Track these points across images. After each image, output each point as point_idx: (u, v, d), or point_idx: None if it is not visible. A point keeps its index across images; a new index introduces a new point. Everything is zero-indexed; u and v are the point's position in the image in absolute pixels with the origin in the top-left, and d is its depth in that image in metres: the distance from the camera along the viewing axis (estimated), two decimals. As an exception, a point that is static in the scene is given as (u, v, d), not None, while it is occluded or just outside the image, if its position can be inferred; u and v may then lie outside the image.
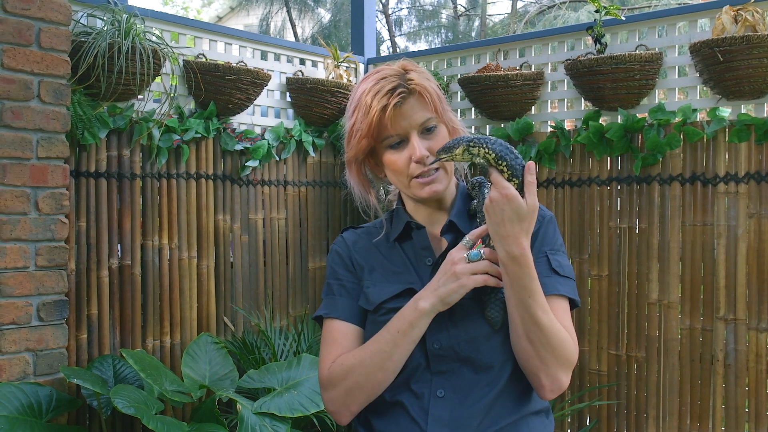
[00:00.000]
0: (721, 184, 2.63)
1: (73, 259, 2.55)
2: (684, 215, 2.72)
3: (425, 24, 14.15)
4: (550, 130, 3.09)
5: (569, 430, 2.98)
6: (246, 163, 3.12)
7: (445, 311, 1.20)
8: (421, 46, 14.13)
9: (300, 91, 3.30)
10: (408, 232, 1.34)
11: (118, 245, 2.71)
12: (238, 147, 3.08)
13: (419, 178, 1.26)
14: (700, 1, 2.77)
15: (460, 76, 3.23)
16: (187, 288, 2.92)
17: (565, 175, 3.01)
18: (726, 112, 2.62)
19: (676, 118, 2.71)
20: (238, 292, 3.13)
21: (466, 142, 1.16)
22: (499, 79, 3.02)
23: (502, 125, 3.21)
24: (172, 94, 2.81)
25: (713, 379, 2.65)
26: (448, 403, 1.20)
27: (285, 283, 3.35)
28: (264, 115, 3.34)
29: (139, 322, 2.75)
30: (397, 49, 13.32)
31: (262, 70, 3.06)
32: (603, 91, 2.79)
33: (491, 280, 1.18)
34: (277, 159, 3.28)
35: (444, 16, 14.23)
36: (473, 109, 3.34)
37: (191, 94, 2.95)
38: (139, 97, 2.74)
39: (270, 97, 3.34)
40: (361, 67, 3.71)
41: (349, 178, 1.36)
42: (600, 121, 2.90)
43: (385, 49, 13.42)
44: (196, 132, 2.92)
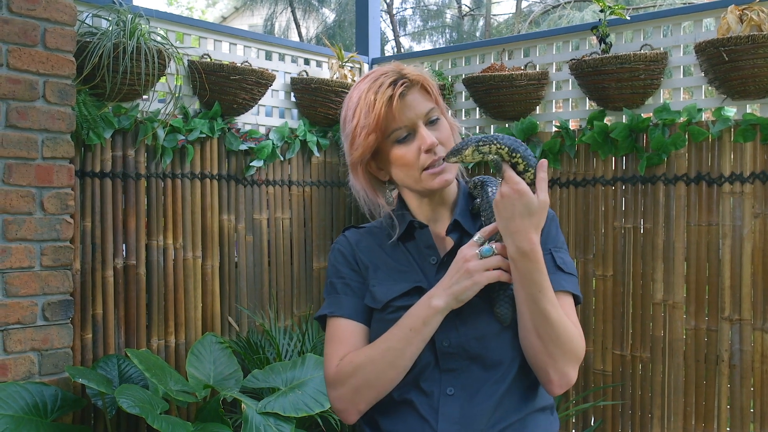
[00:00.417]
0: (727, 184, 2.62)
1: (78, 259, 2.56)
2: (689, 215, 2.72)
3: (429, 24, 14.16)
4: (554, 129, 3.08)
5: (574, 431, 2.98)
6: (250, 163, 3.13)
7: (453, 309, 1.20)
8: (426, 46, 14.14)
9: (304, 91, 3.30)
10: (411, 232, 1.33)
11: (123, 245, 2.72)
12: (243, 147, 3.09)
13: (429, 169, 1.26)
14: (705, 1, 2.76)
15: (464, 76, 3.23)
16: (192, 288, 2.93)
17: (569, 175, 3.01)
18: (731, 111, 2.61)
19: (681, 118, 2.71)
20: (243, 292, 3.14)
21: (474, 142, 1.16)
22: (503, 79, 3.02)
23: (507, 125, 3.21)
24: (177, 95, 2.82)
25: (718, 379, 2.64)
26: (458, 401, 1.20)
27: (289, 283, 3.35)
28: (268, 115, 3.35)
29: (143, 321, 2.76)
30: (402, 49, 13.33)
31: (267, 70, 3.06)
32: (608, 91, 2.79)
33: (504, 276, 1.18)
34: (282, 159, 3.28)
35: (448, 16, 14.23)
36: (478, 108, 3.34)
37: (196, 94, 2.95)
38: (144, 97, 2.74)
39: (274, 97, 3.34)
40: (365, 67, 3.71)
41: (355, 182, 1.34)
42: (605, 121, 2.89)
43: (389, 49, 13.42)
44: (201, 132, 2.92)
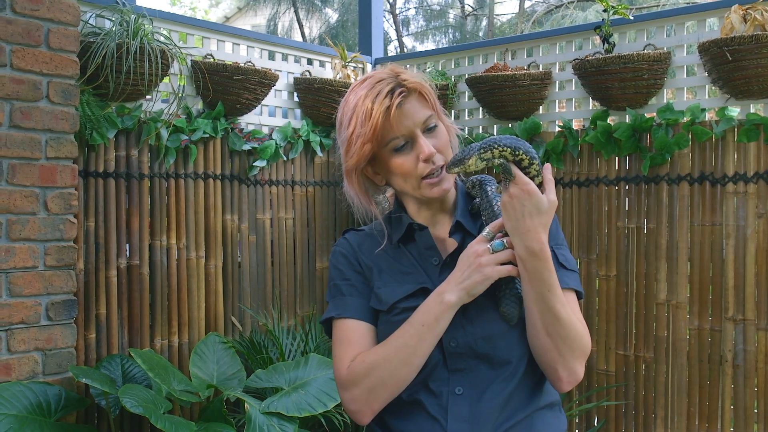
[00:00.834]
0: (730, 184, 2.62)
1: (82, 258, 2.56)
2: (692, 215, 2.71)
3: (432, 24, 14.15)
4: (558, 129, 3.08)
5: (577, 431, 2.98)
6: (254, 163, 3.13)
7: (459, 309, 1.20)
8: (429, 45, 14.13)
9: (307, 91, 3.30)
10: (411, 234, 1.33)
11: (127, 245, 2.73)
12: (246, 147, 3.09)
13: (428, 178, 1.26)
14: (709, 1, 2.75)
15: (467, 76, 3.23)
16: (195, 288, 2.93)
17: (572, 175, 3.01)
18: (735, 111, 2.61)
19: (685, 118, 2.70)
20: (246, 292, 3.14)
21: (476, 151, 1.15)
22: (506, 79, 3.01)
23: (510, 125, 3.21)
24: (180, 95, 2.82)
25: (722, 379, 2.63)
26: (467, 400, 1.20)
27: (293, 283, 3.35)
28: (272, 115, 3.35)
29: (147, 321, 2.76)
30: (405, 49, 13.32)
31: (270, 70, 3.07)
32: (611, 91, 2.78)
33: (515, 270, 1.18)
34: (285, 159, 3.29)
35: (451, 16, 14.22)
36: (481, 108, 3.34)
37: (199, 94, 2.95)
38: (148, 97, 2.75)
39: (278, 97, 3.34)
40: (368, 67, 3.71)
41: (349, 189, 1.33)
42: (608, 121, 2.89)
43: (392, 49, 13.42)
44: (204, 132, 2.93)
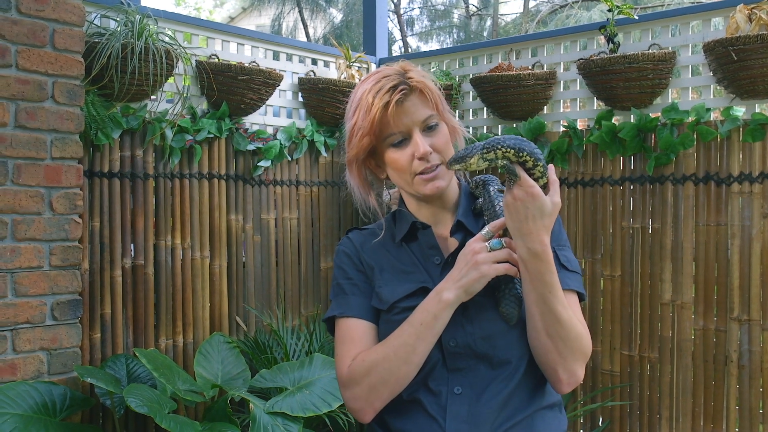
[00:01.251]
0: (735, 184, 2.61)
1: (87, 258, 2.57)
2: (697, 215, 2.70)
3: (437, 24, 14.14)
4: (562, 129, 3.08)
5: (582, 431, 2.97)
6: (258, 163, 3.13)
7: (458, 308, 1.20)
8: (433, 45, 14.12)
9: (312, 91, 3.31)
10: (414, 232, 1.34)
11: (131, 245, 2.73)
12: (251, 147, 3.09)
13: (422, 174, 1.27)
14: (714, 0, 2.75)
15: (472, 76, 3.23)
16: (200, 288, 2.94)
17: (577, 175, 3.00)
18: (740, 111, 2.60)
19: (690, 118, 2.69)
20: (251, 292, 3.14)
21: (479, 150, 1.14)
22: (511, 79, 3.01)
23: (515, 125, 3.20)
24: (185, 95, 2.83)
25: (727, 380, 2.63)
26: (466, 400, 1.21)
27: (297, 283, 3.36)
28: (276, 115, 3.35)
29: (152, 321, 2.77)
30: (409, 49, 13.32)
31: (274, 70, 3.07)
32: (616, 91, 2.78)
33: (512, 270, 1.18)
34: (289, 159, 3.29)
35: (456, 16, 14.21)
36: (485, 108, 3.33)
37: (204, 94, 2.96)
38: (152, 97, 2.75)
39: (282, 97, 3.34)
40: (373, 67, 3.71)
41: (350, 178, 1.36)
42: (613, 121, 2.88)
43: (396, 49, 13.42)
44: (209, 132, 2.93)
